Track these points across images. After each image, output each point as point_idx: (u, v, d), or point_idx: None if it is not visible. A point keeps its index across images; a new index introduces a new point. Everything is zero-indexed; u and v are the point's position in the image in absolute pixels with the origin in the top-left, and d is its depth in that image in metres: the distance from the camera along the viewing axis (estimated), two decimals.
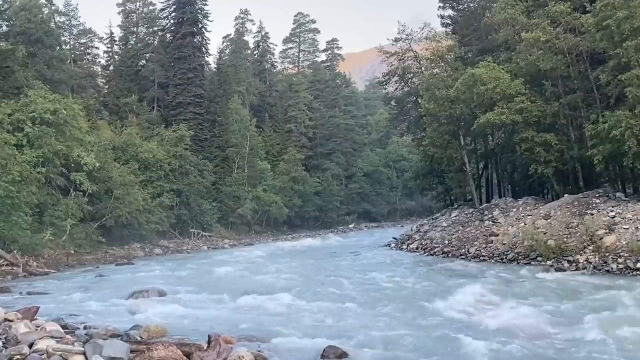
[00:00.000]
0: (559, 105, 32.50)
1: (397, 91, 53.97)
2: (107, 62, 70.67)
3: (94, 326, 14.45)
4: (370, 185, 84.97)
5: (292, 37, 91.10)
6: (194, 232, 54.31)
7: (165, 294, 20.59)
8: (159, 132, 56.84)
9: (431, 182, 50.48)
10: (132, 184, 44.74)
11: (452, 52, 43.38)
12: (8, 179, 31.20)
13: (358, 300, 18.59)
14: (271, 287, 21.94)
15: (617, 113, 26.64)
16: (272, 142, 77.22)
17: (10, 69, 42.60)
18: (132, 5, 71.31)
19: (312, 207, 74.70)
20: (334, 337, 13.08)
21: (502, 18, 34.86)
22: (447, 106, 38.33)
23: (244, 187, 63.62)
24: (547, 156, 31.80)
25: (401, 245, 39.87)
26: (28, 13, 48.39)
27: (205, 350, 11.13)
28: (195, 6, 66.38)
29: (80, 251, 37.89)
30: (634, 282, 19.76)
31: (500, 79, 33.05)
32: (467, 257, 30.12)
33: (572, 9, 31.89)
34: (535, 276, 22.37)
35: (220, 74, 72.85)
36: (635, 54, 26.22)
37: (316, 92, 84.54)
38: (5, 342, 11.25)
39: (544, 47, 31.91)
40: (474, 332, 13.63)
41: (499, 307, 16.25)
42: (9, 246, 31.32)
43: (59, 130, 37.81)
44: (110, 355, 10.28)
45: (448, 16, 50.93)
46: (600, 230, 24.48)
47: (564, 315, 15.18)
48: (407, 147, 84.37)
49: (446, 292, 19.10)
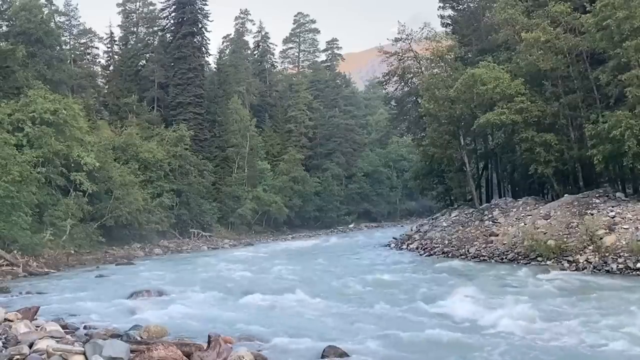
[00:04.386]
0: (559, 105, 32.51)
1: (397, 91, 53.97)
2: (107, 62, 70.68)
3: (94, 326, 14.47)
4: (370, 185, 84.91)
5: (292, 37, 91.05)
6: (194, 232, 54.30)
7: (165, 294, 20.62)
8: (159, 132, 56.86)
9: (431, 182, 50.47)
10: (132, 184, 44.75)
11: (452, 52, 43.37)
12: (8, 179, 31.21)
13: (358, 300, 18.59)
14: (271, 287, 21.95)
15: (617, 113, 26.64)
16: (272, 142, 77.17)
17: (10, 69, 42.61)
18: (132, 5, 71.24)
19: (312, 207, 74.68)
20: (334, 337, 13.10)
21: (502, 18, 34.86)
22: (447, 106, 38.31)
23: (244, 187, 63.60)
24: (547, 156, 31.80)
25: (401, 245, 39.88)
26: (28, 13, 48.35)
27: (205, 350, 11.13)
28: (195, 6, 66.33)
29: (80, 251, 37.87)
30: (634, 282, 19.77)
31: (500, 79, 33.05)
32: (467, 257, 30.11)
33: (572, 9, 31.88)
34: (535, 276, 22.35)
35: (220, 74, 72.83)
36: (635, 54, 26.22)
37: (316, 92, 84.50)
38: (5, 342, 11.26)
39: (544, 47, 31.89)
40: (474, 332, 13.64)
41: (499, 307, 16.23)
42: (9, 246, 31.32)
43: (59, 130, 37.82)
44: (110, 355, 10.28)
45: (448, 16, 50.92)
46: (600, 230, 24.48)
47: (564, 315, 15.17)
48: (407, 147, 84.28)
49: (446, 292, 19.10)
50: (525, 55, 32.87)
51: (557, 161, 32.27)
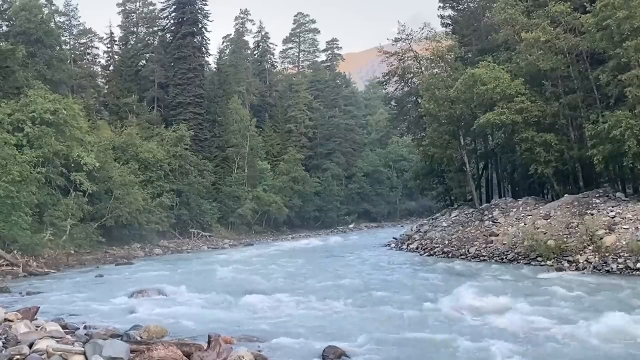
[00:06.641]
0: (559, 105, 32.50)
1: (397, 91, 53.96)
2: (107, 62, 70.70)
3: (94, 326, 14.46)
4: (370, 185, 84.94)
5: (292, 37, 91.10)
6: (194, 232, 54.33)
7: (165, 294, 20.61)
8: (159, 132, 56.90)
9: (431, 182, 50.49)
10: (132, 184, 44.78)
11: (452, 52, 43.35)
12: (8, 179, 31.23)
13: (358, 300, 18.57)
14: (271, 287, 21.94)
15: (617, 113, 26.64)
16: (272, 142, 77.19)
17: (10, 69, 42.62)
18: (132, 5, 71.27)
19: (312, 207, 74.70)
20: (334, 337, 13.09)
21: (502, 18, 34.85)
22: (447, 106, 38.31)
23: (244, 187, 63.62)
24: (547, 156, 31.80)
25: (401, 245, 39.88)
26: (28, 13, 48.37)
27: (205, 350, 11.13)
28: (195, 6, 66.40)
29: (80, 251, 37.90)
30: (634, 282, 19.76)
31: (500, 79, 33.03)
32: (467, 257, 30.10)
33: (572, 9, 31.87)
34: (535, 276, 22.36)
35: (220, 74, 72.87)
36: (635, 54, 26.22)
37: (316, 92, 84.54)
38: (5, 342, 11.25)
39: (544, 47, 31.89)
40: (474, 332, 13.63)
41: (499, 308, 16.21)
42: (9, 246, 31.34)
43: (59, 130, 37.84)
44: (110, 355, 10.27)
45: (448, 16, 50.91)
46: (600, 230, 24.46)
47: (564, 315, 15.16)
48: (407, 147, 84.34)
49: (446, 292, 19.08)
50: (525, 55, 32.86)
51: (557, 161, 32.26)
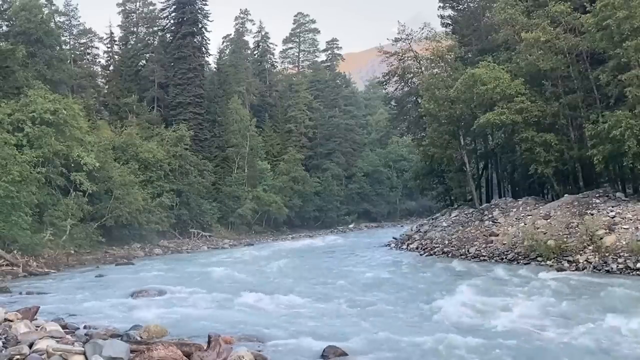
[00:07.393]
0: (559, 105, 32.50)
1: (397, 91, 53.93)
2: (107, 62, 70.75)
3: (94, 326, 14.46)
4: (370, 185, 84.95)
5: (292, 37, 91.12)
6: (194, 232, 54.35)
7: (165, 294, 20.62)
8: (159, 132, 56.92)
9: (431, 182, 50.47)
10: (132, 184, 44.80)
11: (452, 52, 43.34)
12: (8, 179, 31.23)
13: (358, 300, 18.58)
14: (271, 287, 21.96)
15: (617, 113, 26.63)
16: (272, 142, 77.22)
17: (10, 69, 42.63)
18: (132, 5, 71.30)
19: (312, 207, 74.71)
20: (334, 337, 13.08)
21: (502, 18, 34.85)
22: (447, 106, 38.30)
23: (244, 187, 63.63)
24: (547, 156, 31.79)
25: (401, 245, 39.87)
26: (28, 13, 48.40)
27: (205, 350, 11.14)
28: (195, 6, 66.42)
29: (80, 251, 37.91)
30: (634, 282, 19.75)
31: (500, 79, 33.03)
32: (467, 257, 30.09)
33: (572, 9, 31.86)
34: (535, 276, 22.33)
35: (220, 74, 72.88)
36: (635, 54, 26.21)
37: (316, 92, 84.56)
38: (5, 342, 11.25)
39: (544, 47, 31.89)
40: (474, 332, 13.63)
41: (499, 307, 16.23)
42: (9, 246, 31.34)
43: (59, 130, 37.84)
44: (110, 355, 10.27)
45: (448, 16, 50.90)
46: (600, 230, 24.45)
47: (564, 315, 15.17)
48: (407, 147, 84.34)
49: (446, 292, 19.09)
50: (525, 55, 32.86)
51: (557, 161, 32.26)
